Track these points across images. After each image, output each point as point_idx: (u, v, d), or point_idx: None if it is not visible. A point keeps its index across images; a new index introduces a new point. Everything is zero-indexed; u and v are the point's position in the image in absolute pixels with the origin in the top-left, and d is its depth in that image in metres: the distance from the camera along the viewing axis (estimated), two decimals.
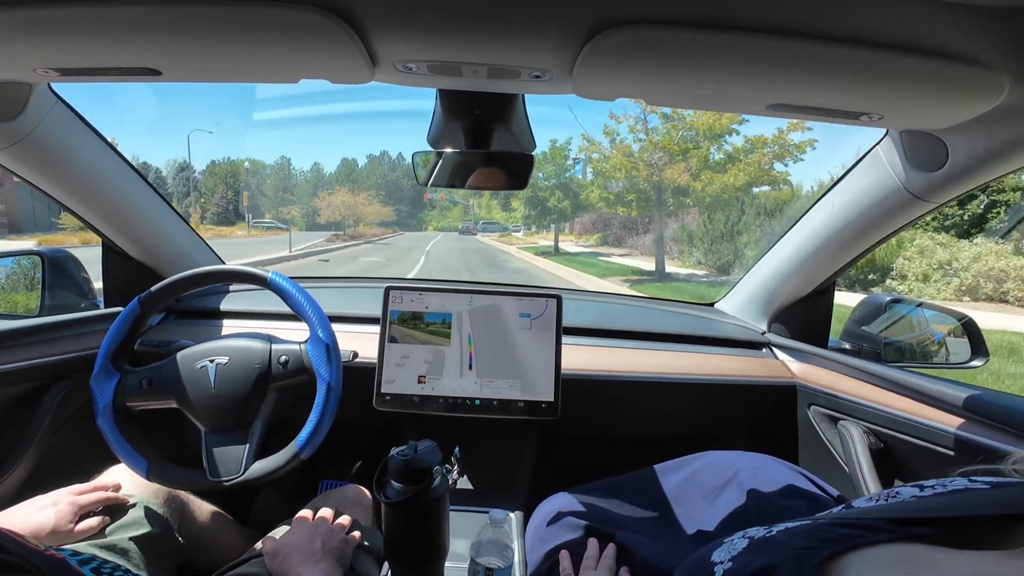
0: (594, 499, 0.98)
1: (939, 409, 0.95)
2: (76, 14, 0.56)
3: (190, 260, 1.37)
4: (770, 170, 10.87)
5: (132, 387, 0.98)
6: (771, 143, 10.70)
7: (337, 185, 60.11)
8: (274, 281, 1.01)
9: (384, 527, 0.85)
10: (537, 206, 18.48)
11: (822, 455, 1.20)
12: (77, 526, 0.82)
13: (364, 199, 42.66)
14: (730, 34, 0.57)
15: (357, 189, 55.16)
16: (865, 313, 1.31)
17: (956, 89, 0.65)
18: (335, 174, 75.51)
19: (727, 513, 0.91)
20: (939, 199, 0.94)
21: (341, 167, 77.00)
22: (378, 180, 70.60)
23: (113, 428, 0.95)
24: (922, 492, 0.45)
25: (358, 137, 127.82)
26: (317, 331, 0.98)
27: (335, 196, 43.68)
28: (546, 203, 18.08)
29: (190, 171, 50.64)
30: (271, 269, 1.03)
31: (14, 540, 0.41)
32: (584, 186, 17.26)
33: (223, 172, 55.19)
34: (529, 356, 1.15)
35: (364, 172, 76.86)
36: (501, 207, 57.67)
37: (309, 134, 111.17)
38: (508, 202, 61.00)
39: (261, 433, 0.98)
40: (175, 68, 0.70)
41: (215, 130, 43.08)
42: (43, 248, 1.27)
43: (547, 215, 19.09)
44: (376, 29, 0.60)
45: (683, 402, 1.36)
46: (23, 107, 0.87)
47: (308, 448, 0.95)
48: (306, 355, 0.98)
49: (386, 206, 53.73)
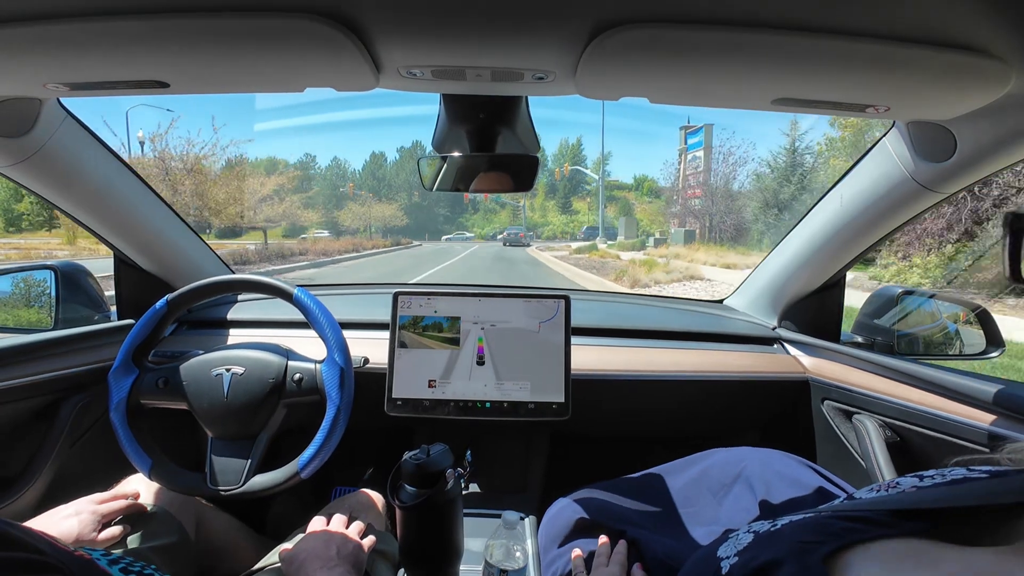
0: (605, 498, 0.98)
1: (956, 401, 0.94)
2: (84, 29, 0.57)
3: (201, 271, 1.38)
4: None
5: (148, 385, 1.00)
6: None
7: (360, 186, 56.76)
8: (299, 297, 1.01)
9: (398, 531, 0.85)
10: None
11: (838, 450, 1.19)
12: (100, 535, 0.83)
13: (382, 203, 39.91)
14: (732, 30, 0.57)
15: (383, 188, 52.84)
16: (877, 306, 1.29)
17: (962, 79, 0.64)
18: (362, 172, 69.97)
19: (735, 509, 0.91)
20: (948, 189, 0.93)
21: (370, 163, 70.35)
22: (408, 177, 62.49)
23: (124, 424, 0.97)
24: (921, 482, 0.45)
25: (385, 129, 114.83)
26: (334, 354, 0.98)
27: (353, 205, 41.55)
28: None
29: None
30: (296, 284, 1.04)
31: (48, 542, 0.42)
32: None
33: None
34: (539, 357, 1.15)
35: (393, 169, 69.33)
36: (560, 208, 55.63)
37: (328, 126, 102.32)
38: (569, 202, 55.09)
39: (265, 446, 0.99)
40: (182, 80, 0.71)
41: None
42: (56, 262, 1.29)
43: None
44: (379, 36, 0.61)
45: (694, 400, 1.35)
46: (34, 122, 0.88)
47: (309, 468, 0.95)
48: (320, 376, 0.99)
49: (409, 210, 50.13)
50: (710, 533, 0.88)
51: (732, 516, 0.90)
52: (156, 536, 0.89)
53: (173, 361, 1.03)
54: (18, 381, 1.01)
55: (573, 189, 58.33)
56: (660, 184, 51.72)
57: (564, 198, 54.32)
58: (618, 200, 52.80)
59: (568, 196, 54.26)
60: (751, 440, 1.19)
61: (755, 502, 0.89)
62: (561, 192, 54.24)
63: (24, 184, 0.99)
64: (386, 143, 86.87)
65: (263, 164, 55.15)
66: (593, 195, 45.56)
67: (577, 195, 54.36)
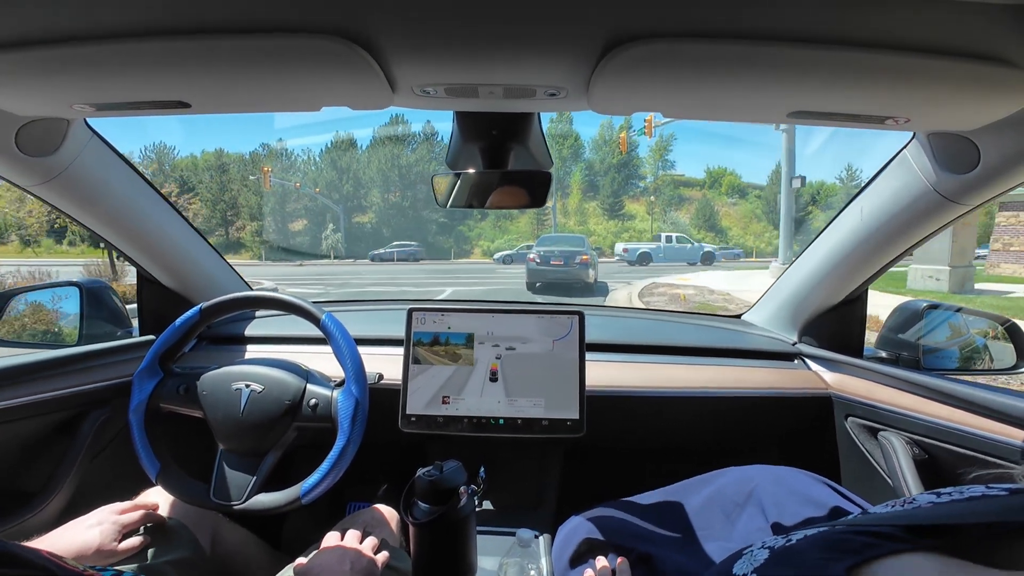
0: (618, 516, 0.97)
1: (988, 417, 0.90)
2: (110, 50, 0.59)
3: (221, 288, 1.40)
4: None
5: (170, 390, 1.02)
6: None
7: (316, 180, 38.65)
8: (326, 324, 1.01)
9: (412, 548, 0.85)
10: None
11: (863, 467, 1.16)
12: (120, 545, 0.84)
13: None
14: (745, 43, 0.57)
15: (348, 182, 36.20)
16: (901, 320, 1.26)
17: (983, 89, 0.63)
18: (321, 159, 41.46)
19: (749, 529, 0.89)
20: (973, 201, 0.91)
21: (332, 148, 41.28)
22: (385, 163, 39.41)
23: (140, 425, 0.99)
24: (939, 499, 0.44)
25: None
26: (352, 385, 0.98)
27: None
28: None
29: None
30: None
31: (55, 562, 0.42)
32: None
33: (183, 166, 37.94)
34: (553, 374, 1.14)
35: (365, 157, 41.81)
36: (608, 213, 36.46)
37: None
38: (619, 202, 38.10)
39: (272, 466, 1.00)
40: (203, 100, 0.73)
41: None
42: (82, 279, 1.32)
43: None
44: (394, 55, 0.62)
45: (713, 416, 1.33)
46: (61, 142, 0.91)
47: (312, 495, 0.95)
48: (335, 405, 0.98)
49: (383, 214, 35.36)
50: (724, 551, 0.86)
51: (746, 537, 0.87)
52: (172, 550, 0.90)
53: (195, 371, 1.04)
54: (44, 395, 1.04)
55: (623, 186, 39.77)
56: (743, 179, 40.00)
57: (612, 197, 37.23)
58: (689, 201, 39.78)
59: (618, 195, 37.87)
60: (771, 457, 1.16)
61: (768, 522, 0.87)
62: (607, 188, 38.06)
63: (51, 202, 1.02)
64: (356, 124, 59.86)
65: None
66: (651, 193, 32.36)
67: (627, 194, 39.09)
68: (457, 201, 0.92)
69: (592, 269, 12.48)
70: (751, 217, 36.38)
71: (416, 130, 41.25)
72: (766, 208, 34.73)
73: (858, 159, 38.19)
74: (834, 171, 47.34)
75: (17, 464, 1.04)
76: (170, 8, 0.54)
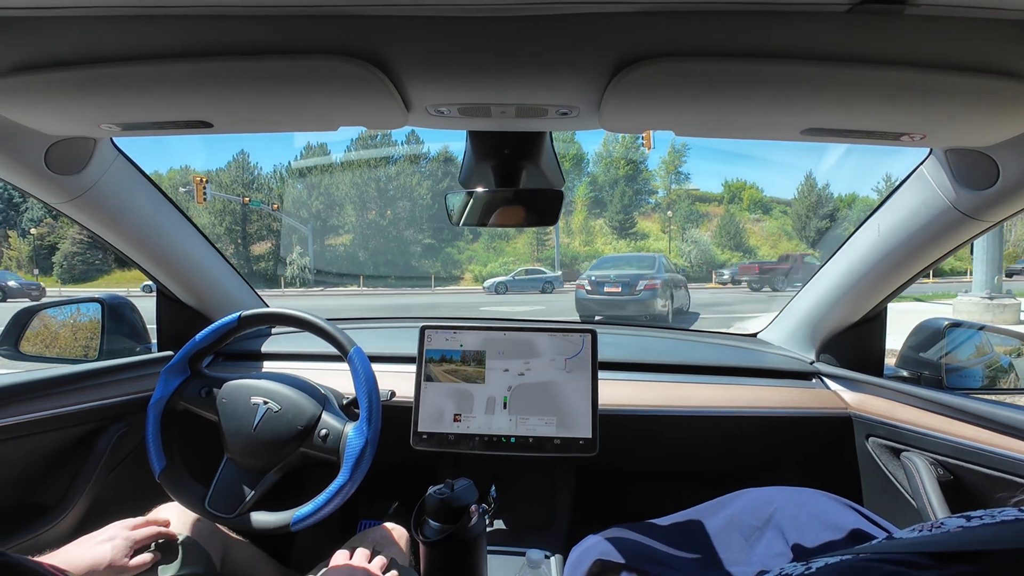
0: (633, 538, 0.94)
1: (1016, 437, 0.88)
2: (136, 72, 0.62)
3: (239, 305, 1.42)
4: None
5: (192, 391, 1.04)
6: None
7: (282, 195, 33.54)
8: (352, 358, 1.00)
9: (422, 566, 0.84)
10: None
11: (886, 488, 1.12)
12: (131, 561, 0.84)
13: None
14: (756, 62, 0.57)
15: (316, 198, 30.91)
16: (922, 339, 1.23)
17: (1000, 105, 0.62)
18: (288, 173, 34.87)
19: (768, 555, 0.86)
20: (994, 217, 0.89)
21: (305, 155, 34.89)
22: (357, 178, 33.03)
23: (157, 420, 1.01)
24: (968, 523, 0.43)
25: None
26: (365, 424, 0.98)
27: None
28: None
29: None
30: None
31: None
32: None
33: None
34: (565, 392, 1.13)
35: (340, 171, 34.51)
36: (617, 231, 32.29)
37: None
38: (630, 219, 32.83)
39: (270, 485, 1.00)
40: (225, 120, 0.75)
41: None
42: (103, 295, 1.35)
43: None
44: (409, 76, 0.63)
45: (729, 436, 1.30)
46: (88, 160, 0.94)
47: (301, 525, 0.95)
48: (344, 442, 0.97)
49: (360, 233, 30.30)
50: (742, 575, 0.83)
51: (765, 562, 0.85)
52: (182, 566, 0.90)
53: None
54: (64, 409, 1.05)
55: (632, 201, 35.01)
56: (766, 194, 34.49)
57: (621, 213, 32.99)
58: (708, 217, 34.95)
59: (628, 211, 33.68)
60: (790, 478, 1.13)
61: (788, 546, 0.84)
62: (616, 204, 33.70)
63: (77, 220, 1.05)
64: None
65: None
66: (665, 208, 28.62)
67: (638, 210, 35.02)
68: (469, 219, 0.93)
69: (661, 298, 9.82)
70: (780, 234, 32.63)
71: (398, 138, 35.08)
72: (796, 224, 31.87)
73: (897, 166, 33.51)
74: (869, 182, 43.15)
75: (35, 477, 1.06)
76: (196, 31, 0.57)
